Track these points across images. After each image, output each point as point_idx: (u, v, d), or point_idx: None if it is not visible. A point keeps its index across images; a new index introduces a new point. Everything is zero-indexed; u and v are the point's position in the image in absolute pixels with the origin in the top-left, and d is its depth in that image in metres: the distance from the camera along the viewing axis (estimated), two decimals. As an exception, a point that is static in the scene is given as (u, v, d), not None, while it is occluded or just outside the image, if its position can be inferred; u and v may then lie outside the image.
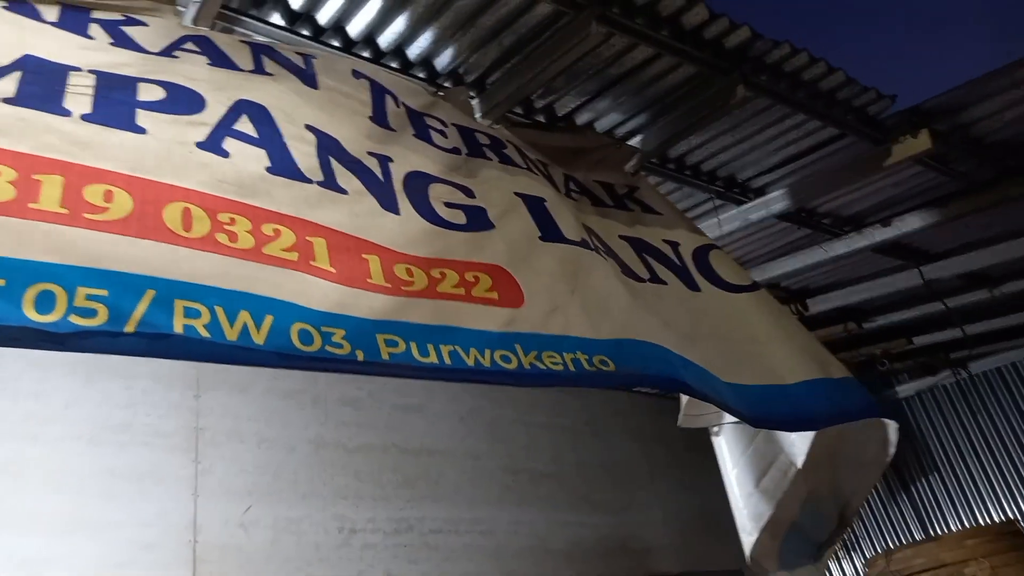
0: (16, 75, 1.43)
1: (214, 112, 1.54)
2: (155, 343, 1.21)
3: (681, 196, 2.95)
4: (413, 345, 1.44)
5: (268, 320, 1.30)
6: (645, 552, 4.02)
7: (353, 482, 3.13)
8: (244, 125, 1.56)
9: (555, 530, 3.72)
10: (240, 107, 1.59)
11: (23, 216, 1.19)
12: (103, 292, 1.16)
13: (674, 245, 2.13)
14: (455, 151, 1.92)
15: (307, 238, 1.43)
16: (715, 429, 2.30)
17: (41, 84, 1.43)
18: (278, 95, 1.67)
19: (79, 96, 1.42)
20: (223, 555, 2.63)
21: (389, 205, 1.61)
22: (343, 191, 1.57)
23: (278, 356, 1.31)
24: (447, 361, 1.44)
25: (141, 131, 1.42)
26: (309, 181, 1.54)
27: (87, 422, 2.57)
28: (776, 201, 2.94)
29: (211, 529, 2.64)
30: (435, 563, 3.21)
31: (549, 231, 1.81)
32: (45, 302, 1.11)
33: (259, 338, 1.28)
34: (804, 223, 3.18)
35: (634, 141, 2.58)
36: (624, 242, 2.07)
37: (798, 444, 1.97)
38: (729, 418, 1.91)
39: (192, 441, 2.76)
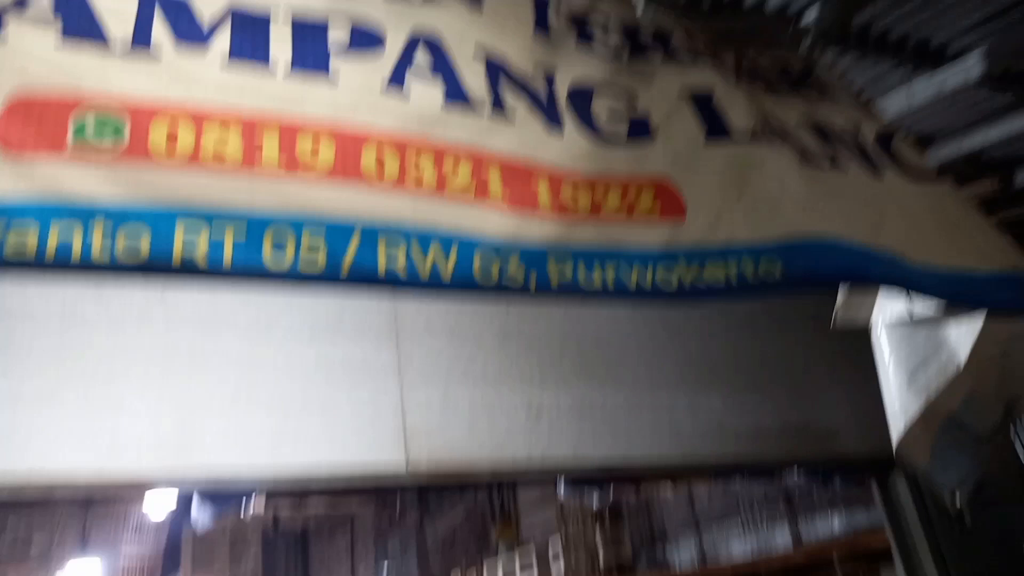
0: (227, 28, 1.61)
1: (393, 48, 1.66)
2: (363, 282, 1.40)
3: (863, 71, 2.75)
4: (581, 269, 1.52)
5: (454, 254, 1.44)
6: (828, 435, 4.00)
7: (537, 370, 3.38)
8: (421, 57, 1.67)
9: (734, 413, 3.79)
10: (415, 38, 1.69)
11: (252, 173, 1.39)
12: (321, 239, 1.36)
13: (854, 130, 2.03)
14: (618, 55, 1.93)
15: (483, 169, 1.54)
16: (874, 323, 2.20)
17: (247, 35, 1.61)
18: (448, 20, 1.76)
19: (280, 44, 1.59)
20: (428, 434, 2.99)
21: (555, 125, 1.68)
22: (512, 115, 1.65)
23: (462, 287, 1.45)
24: (610, 284, 1.51)
25: (334, 76, 1.58)
26: (482, 108, 1.63)
27: (305, 322, 2.97)
28: (976, 66, 2.66)
29: (416, 412, 2.99)
30: (618, 442, 3.42)
31: (716, 129, 1.80)
32: (279, 248, 1.33)
33: (446, 274, 1.42)
34: (1008, 87, 2.87)
35: (808, 19, 2.43)
36: (801, 128, 2.00)
37: (963, 339, 1.87)
38: (889, 313, 1.85)
39: (393, 336, 3.10)
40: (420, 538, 9.76)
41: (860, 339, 4.33)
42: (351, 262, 1.35)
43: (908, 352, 1.73)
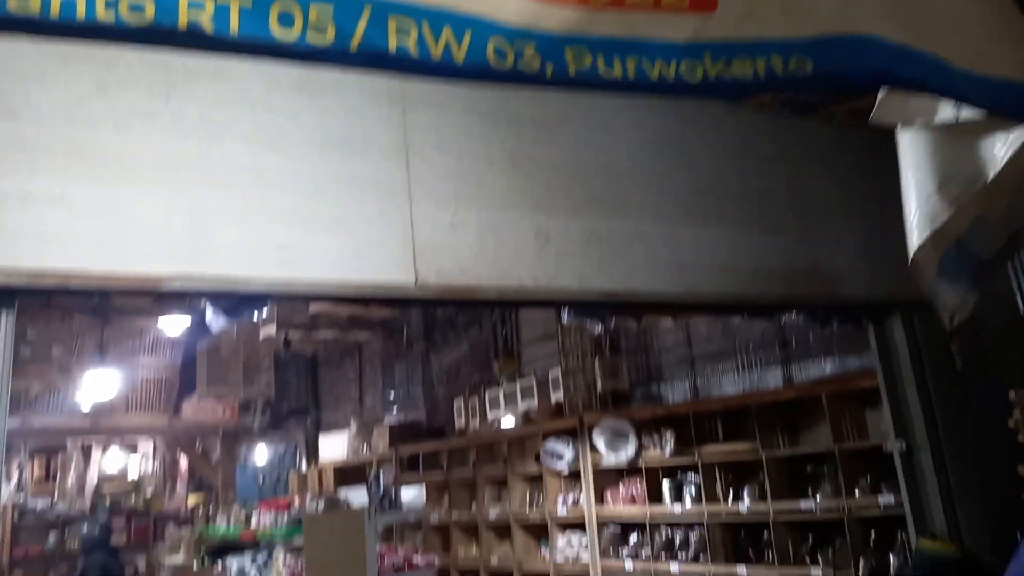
0: None
1: None
2: (373, 60, 1.35)
3: None
4: (600, 59, 1.47)
5: (467, 37, 1.38)
6: (832, 278, 4.04)
7: (546, 195, 3.35)
8: None
9: (740, 250, 3.81)
10: None
11: None
12: (329, 14, 1.29)
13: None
14: None
15: None
16: (907, 124, 2.10)
17: None
18: None
19: None
20: (437, 251, 3.01)
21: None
22: None
23: (475, 72, 1.40)
24: (631, 75, 1.47)
25: None
26: None
27: (314, 133, 2.91)
28: None
29: (425, 229, 3.00)
30: (623, 272, 3.46)
31: (752, -80, 1.65)
32: (286, 21, 1.26)
33: (459, 55, 1.37)
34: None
35: None
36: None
37: (994, 157, 1.81)
38: (924, 119, 1.78)
39: (403, 151, 3.05)
40: (425, 368, 10.18)
41: (872, 181, 4.29)
42: (360, 38, 1.30)
43: (938, 162, 1.68)
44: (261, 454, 11.48)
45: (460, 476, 8.55)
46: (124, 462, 9.85)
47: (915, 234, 1.74)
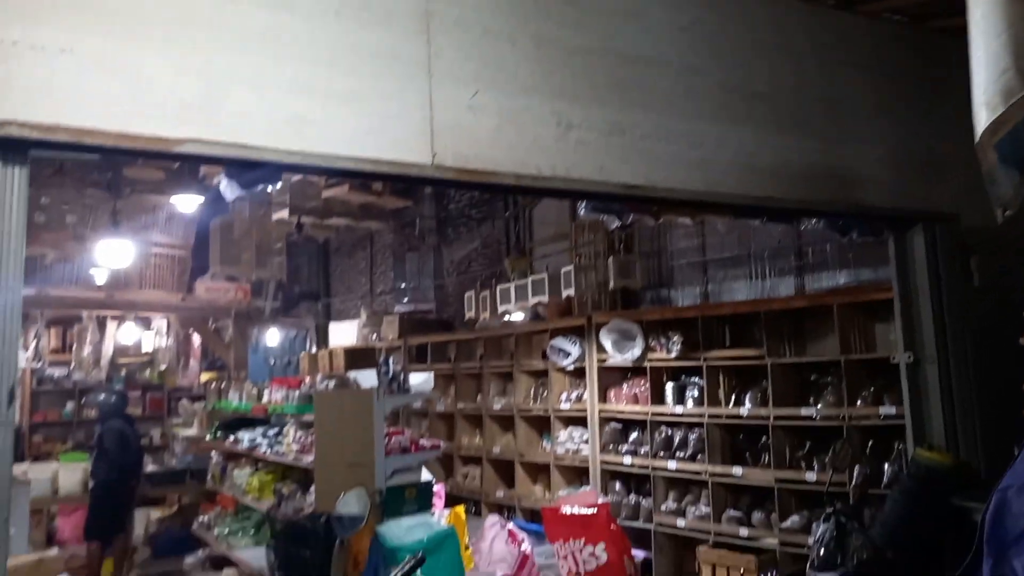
0: None
1: None
2: None
3: None
4: None
5: None
6: (855, 183, 3.94)
7: (570, 81, 3.23)
8: None
9: (764, 150, 3.71)
10: None
11: None
12: None
13: None
14: None
15: None
16: None
17: None
18: None
19: None
20: (455, 133, 2.93)
21: None
22: None
23: None
24: None
25: None
26: None
27: (331, 1, 2.78)
28: None
29: (444, 109, 2.91)
30: (644, 166, 3.38)
31: None
32: None
33: None
34: None
35: None
36: None
37: None
38: None
39: (424, 25, 2.92)
40: (437, 261, 10.21)
41: (908, 85, 4.14)
42: None
43: (1016, 33, 1.55)
44: (272, 337, 11.71)
45: (467, 368, 8.72)
46: (138, 337, 10.08)
47: (983, 112, 1.63)
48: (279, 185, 2.77)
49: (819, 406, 5.40)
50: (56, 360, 10.00)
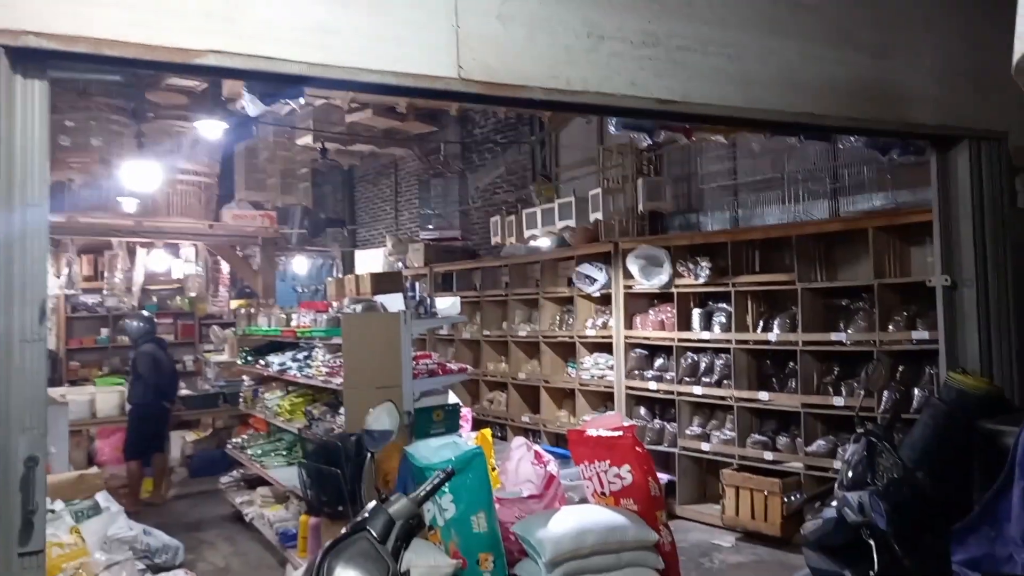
0: None
1: None
2: None
3: None
4: None
5: None
6: (901, 99, 3.77)
7: (603, -11, 3.08)
8: None
9: (807, 64, 3.55)
10: None
11: None
12: None
13: None
14: None
15: None
16: None
17: None
18: None
19: None
20: (483, 44, 2.81)
21: None
22: None
23: None
24: None
25: None
26: None
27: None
28: None
29: (471, 19, 2.78)
30: (679, 80, 3.24)
31: None
32: None
33: None
34: None
35: None
36: None
37: None
38: None
39: (450, -72, 2.78)
40: (462, 188, 10.10)
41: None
42: None
43: None
44: (299, 265, 11.79)
45: (492, 295, 8.72)
46: (168, 264, 10.19)
47: (1018, 43, 1.52)
48: (302, 102, 2.68)
49: (849, 331, 5.33)
50: (89, 287, 10.16)
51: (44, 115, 2.28)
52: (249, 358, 6.77)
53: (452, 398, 4.70)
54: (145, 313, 7.97)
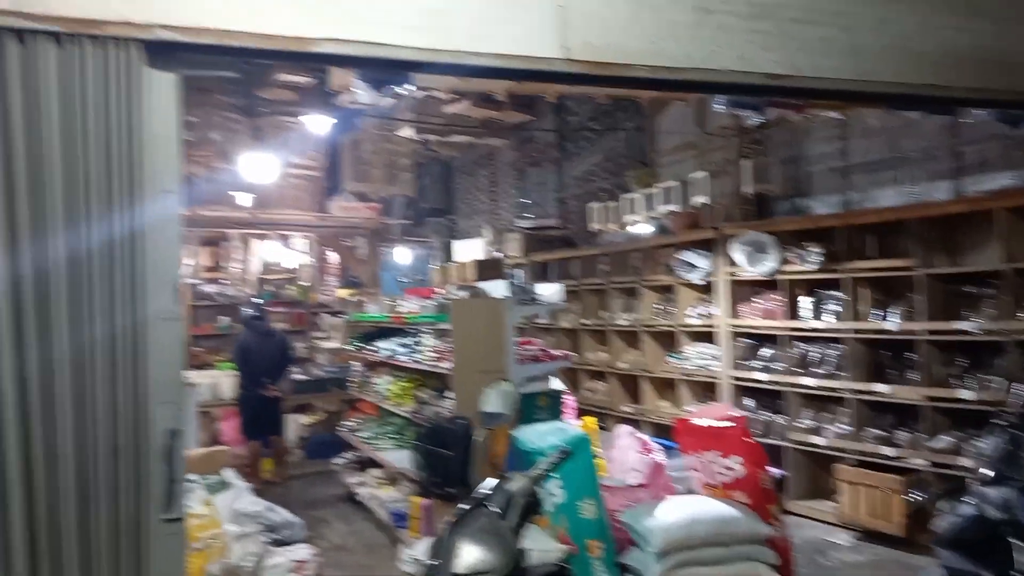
0: None
1: None
2: None
3: None
4: None
5: None
6: (1031, 68, 3.50)
7: (710, -39, 3.00)
8: None
9: (928, 33, 3.35)
10: None
11: None
12: None
13: None
14: None
15: None
16: None
17: None
18: None
19: None
20: (586, 21, 2.79)
21: None
22: None
23: None
24: None
25: None
26: None
27: None
28: None
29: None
30: (789, 52, 3.12)
31: None
32: None
33: None
34: None
35: None
36: None
37: None
38: None
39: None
40: (559, 177, 10.09)
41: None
42: None
43: None
44: (401, 255, 12.08)
45: (590, 284, 8.68)
46: (282, 255, 10.67)
47: None
48: (412, 88, 2.74)
49: (976, 319, 4.99)
50: (210, 277, 10.74)
51: (175, 105, 2.42)
52: (359, 344, 7.01)
53: (555, 385, 4.72)
54: (253, 303, 8.33)
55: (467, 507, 1.83)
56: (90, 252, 2.24)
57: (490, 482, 1.91)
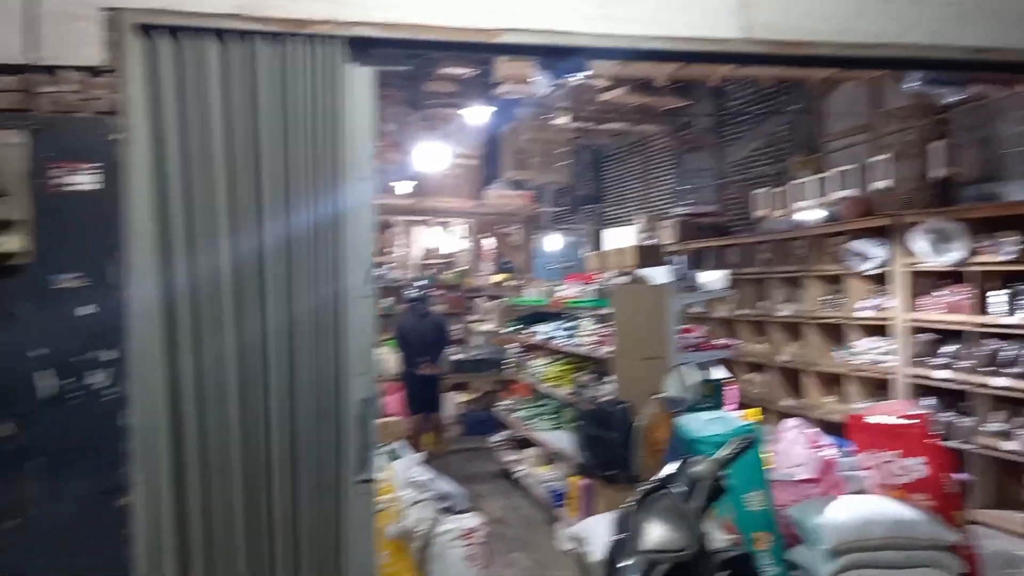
0: None
1: None
2: None
3: None
4: None
5: None
6: None
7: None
8: None
9: None
10: None
11: None
12: None
13: None
14: None
15: None
16: None
17: None
18: None
19: None
20: (767, 1, 2.71)
21: None
22: None
23: None
24: None
25: None
26: None
27: None
28: None
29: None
30: (990, 25, 2.88)
31: None
32: None
33: None
34: None
35: None
36: None
37: None
38: None
39: None
40: (716, 163, 9.81)
41: None
42: None
43: None
44: (553, 242, 12.21)
45: (749, 272, 8.38)
46: (440, 241, 11.11)
47: None
48: (589, 72, 2.78)
49: None
50: (375, 261, 11.35)
51: (371, 99, 2.59)
52: (516, 327, 7.18)
53: (717, 374, 4.62)
54: (421, 285, 8.73)
55: (651, 487, 1.85)
56: (298, 235, 2.46)
57: (673, 464, 1.92)
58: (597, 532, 3.57)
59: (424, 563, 3.49)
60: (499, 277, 10.64)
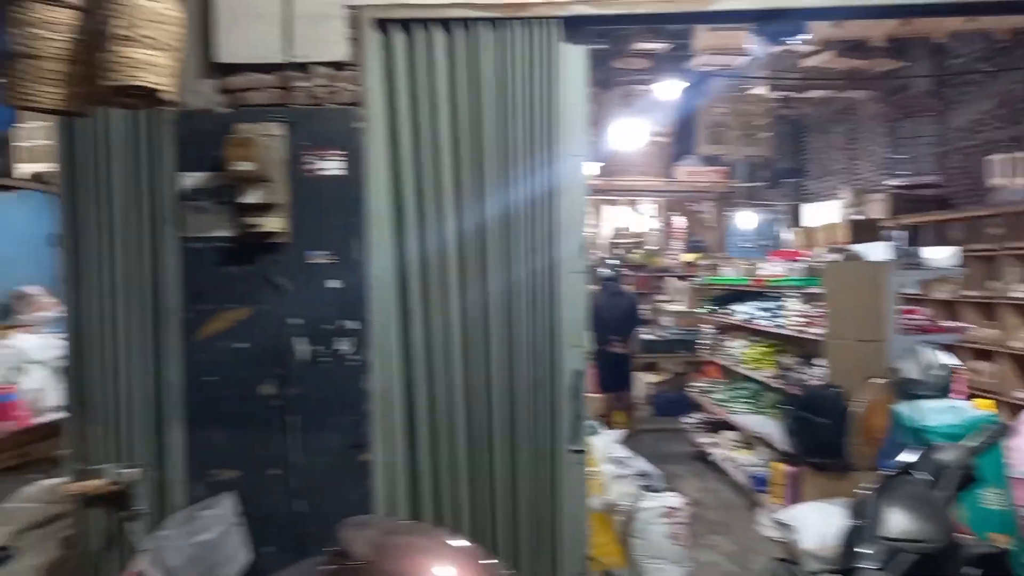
0: None
1: None
2: None
3: None
4: None
5: None
6: None
7: None
8: None
9: None
10: None
11: None
12: None
13: None
14: None
15: None
16: None
17: None
18: None
19: None
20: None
21: None
22: None
23: None
24: None
25: None
26: None
27: None
28: None
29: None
30: None
31: None
32: None
33: None
34: None
35: None
36: None
37: None
38: None
39: None
40: (936, 128, 8.89)
41: None
42: None
43: None
44: (747, 219, 11.68)
45: (975, 249, 7.54)
46: (629, 220, 11.02)
47: None
48: (808, 36, 2.64)
49: None
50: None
51: (584, 77, 2.62)
52: (711, 307, 6.99)
53: (944, 359, 4.22)
54: (608, 264, 8.72)
55: (891, 473, 1.75)
56: (516, 210, 2.56)
57: (915, 451, 1.80)
58: (808, 519, 3.42)
59: (628, 537, 3.52)
60: (689, 256, 10.38)
